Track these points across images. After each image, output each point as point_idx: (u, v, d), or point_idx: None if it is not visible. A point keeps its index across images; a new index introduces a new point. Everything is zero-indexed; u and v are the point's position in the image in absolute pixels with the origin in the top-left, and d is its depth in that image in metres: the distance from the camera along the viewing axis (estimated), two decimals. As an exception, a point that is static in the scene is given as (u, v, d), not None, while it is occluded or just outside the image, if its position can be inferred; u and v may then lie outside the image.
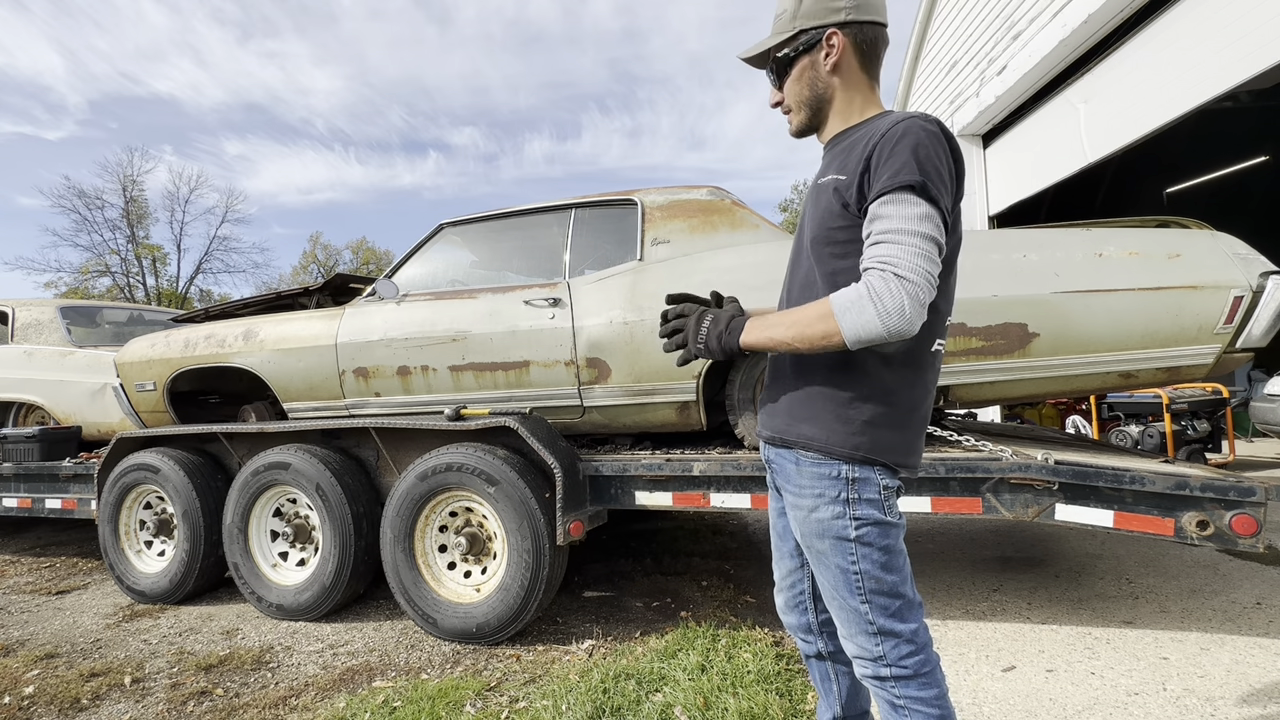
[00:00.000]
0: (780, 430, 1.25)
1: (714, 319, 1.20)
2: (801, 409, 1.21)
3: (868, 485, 1.16)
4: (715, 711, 2.01)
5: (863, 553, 1.16)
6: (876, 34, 1.21)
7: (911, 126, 1.07)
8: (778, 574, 1.46)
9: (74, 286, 25.51)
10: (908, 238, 1.02)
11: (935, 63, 8.65)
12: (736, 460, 2.55)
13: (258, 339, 3.39)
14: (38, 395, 4.30)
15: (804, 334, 1.08)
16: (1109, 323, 2.36)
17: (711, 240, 2.83)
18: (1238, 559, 3.39)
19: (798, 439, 1.20)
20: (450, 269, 3.38)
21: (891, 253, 1.02)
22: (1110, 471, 2.11)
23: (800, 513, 1.22)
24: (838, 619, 1.24)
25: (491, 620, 2.61)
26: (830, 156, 1.24)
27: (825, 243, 1.18)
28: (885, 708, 1.20)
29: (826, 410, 1.17)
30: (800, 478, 1.21)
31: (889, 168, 1.05)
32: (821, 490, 1.18)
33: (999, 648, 2.48)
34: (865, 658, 1.20)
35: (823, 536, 1.19)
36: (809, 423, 1.19)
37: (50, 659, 2.76)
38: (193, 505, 3.27)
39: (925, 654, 1.19)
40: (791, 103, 1.26)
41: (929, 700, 1.16)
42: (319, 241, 39.35)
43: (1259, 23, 4.31)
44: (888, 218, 1.05)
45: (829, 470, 1.17)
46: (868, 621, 1.18)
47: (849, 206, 1.13)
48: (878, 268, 1.03)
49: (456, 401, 3.07)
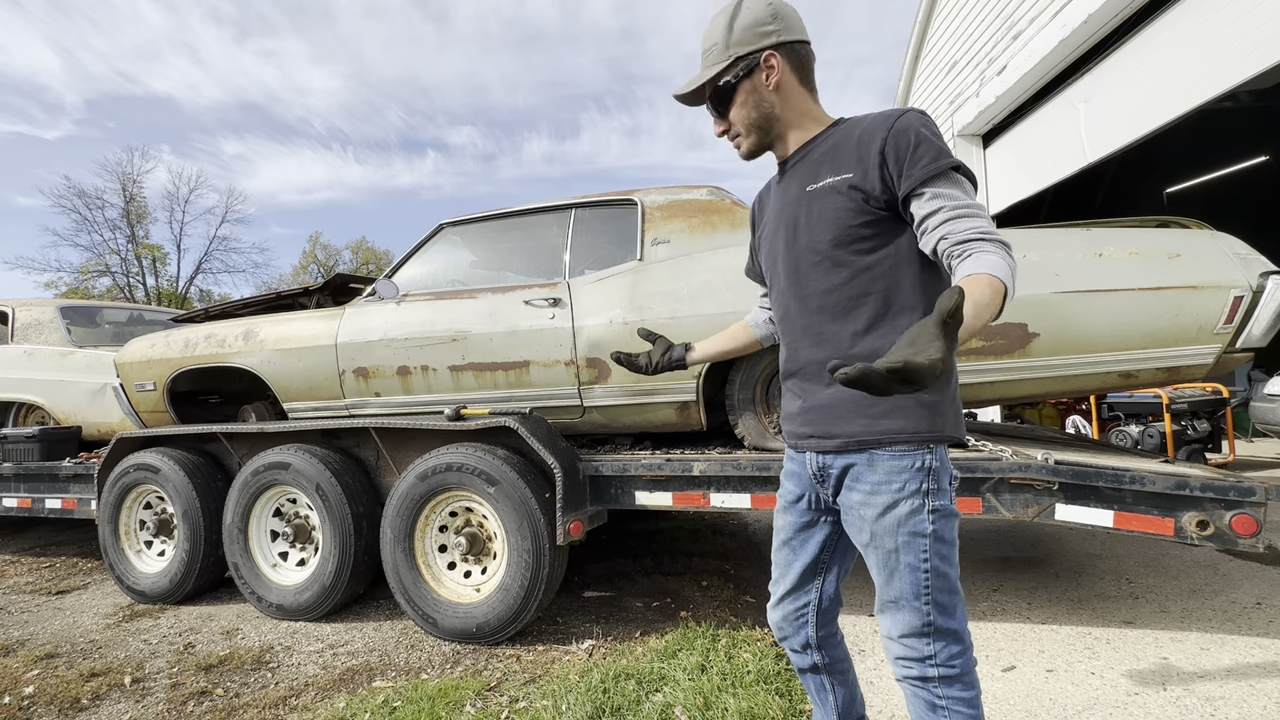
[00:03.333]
0: (859, 434, 1.20)
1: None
2: (877, 404, 1.18)
3: (943, 474, 1.17)
4: (715, 711, 2.01)
5: (935, 548, 1.16)
6: (805, 51, 1.28)
7: (916, 118, 1.14)
8: (782, 588, 1.41)
9: (74, 286, 25.49)
10: (980, 211, 1.09)
11: (935, 63, 8.65)
12: (736, 460, 2.55)
13: (258, 339, 3.39)
14: (38, 395, 4.30)
15: (988, 314, 0.98)
16: (1109, 323, 2.36)
17: (711, 240, 2.83)
18: (1238, 559, 3.39)
19: (884, 436, 1.18)
20: (450, 269, 3.38)
21: (980, 225, 1.07)
22: (1110, 471, 2.11)
23: (872, 510, 1.19)
24: (892, 620, 1.21)
25: (491, 620, 2.61)
26: (807, 166, 1.26)
27: (849, 241, 1.19)
28: (921, 707, 1.18)
29: (907, 400, 1.16)
30: (875, 474, 1.19)
31: (925, 153, 1.11)
32: (902, 484, 1.16)
33: (999, 648, 2.48)
34: (913, 659, 1.18)
35: (897, 533, 1.17)
36: (891, 416, 1.17)
37: (50, 659, 2.76)
38: (193, 505, 3.27)
39: (969, 654, 1.18)
40: (740, 127, 1.30)
41: (969, 700, 1.16)
42: (318, 241, 39.32)
43: (1259, 23, 4.31)
44: (954, 196, 1.10)
45: (910, 462, 1.16)
46: (925, 622, 1.16)
47: (871, 199, 1.16)
48: (983, 239, 1.05)
49: (456, 401, 3.07)
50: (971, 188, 1.13)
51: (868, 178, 1.15)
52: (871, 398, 1.18)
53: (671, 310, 2.72)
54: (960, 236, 1.07)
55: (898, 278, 1.18)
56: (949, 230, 1.08)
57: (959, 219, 1.08)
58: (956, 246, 1.07)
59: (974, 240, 1.05)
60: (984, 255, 1.03)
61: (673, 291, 2.75)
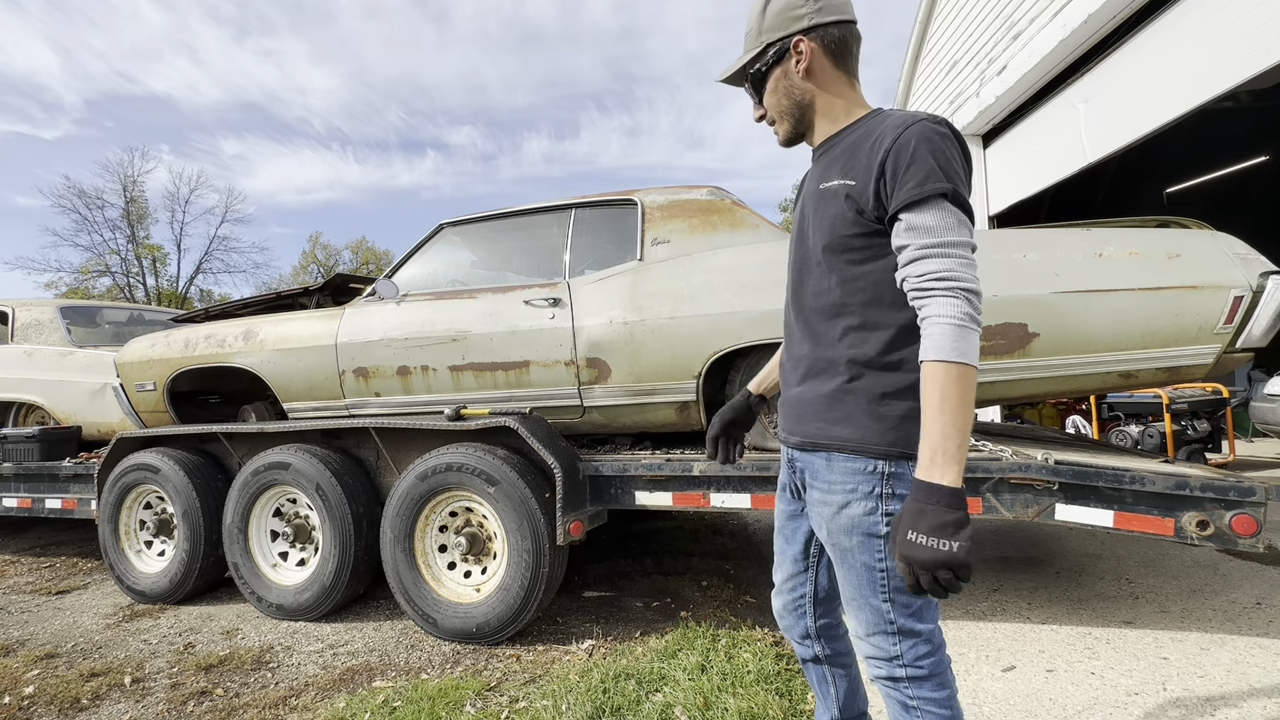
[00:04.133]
0: (813, 435, 1.22)
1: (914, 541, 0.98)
2: (833, 411, 1.19)
3: (901, 481, 1.14)
4: (715, 711, 2.01)
5: (890, 549, 1.14)
6: (844, 32, 1.21)
7: (924, 131, 1.07)
8: (779, 577, 1.45)
9: (74, 286, 25.50)
10: (956, 249, 1.03)
11: (935, 63, 8.65)
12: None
13: (258, 339, 3.39)
14: (38, 395, 4.30)
15: (962, 407, 1.00)
16: (1109, 323, 2.36)
17: (711, 240, 2.83)
18: (1238, 559, 3.39)
19: (832, 442, 1.18)
20: (450, 269, 3.38)
21: (949, 267, 1.02)
22: (1110, 471, 2.11)
23: (828, 509, 1.20)
24: (856, 619, 1.22)
25: (491, 620, 2.61)
26: (828, 160, 1.23)
27: (840, 250, 1.17)
28: (895, 708, 1.19)
29: (860, 409, 1.16)
30: (831, 473, 1.19)
31: (914, 175, 1.05)
32: (855, 485, 1.16)
33: (999, 648, 2.48)
34: (881, 658, 1.19)
35: (851, 533, 1.17)
36: (843, 424, 1.17)
37: (50, 659, 2.76)
38: (193, 505, 3.27)
39: (940, 655, 1.18)
40: (774, 114, 1.28)
41: (941, 701, 1.16)
42: (318, 241, 39.39)
43: (1259, 23, 4.31)
44: (928, 229, 1.04)
45: (864, 465, 1.15)
46: (888, 621, 1.16)
47: (864, 213, 1.12)
48: (945, 290, 1.02)
49: (456, 401, 3.07)
50: (959, 216, 1.05)
51: (865, 190, 1.10)
52: (829, 401, 1.19)
53: (671, 310, 2.72)
54: (917, 283, 1.04)
55: (877, 294, 1.16)
56: (909, 273, 1.06)
57: (922, 259, 1.04)
58: (914, 294, 1.06)
59: (928, 291, 1.03)
60: (933, 325, 1.01)
61: (673, 291, 2.75)
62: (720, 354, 2.66)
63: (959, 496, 0.97)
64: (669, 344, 2.72)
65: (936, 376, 1.00)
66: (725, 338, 2.64)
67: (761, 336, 2.60)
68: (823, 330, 1.22)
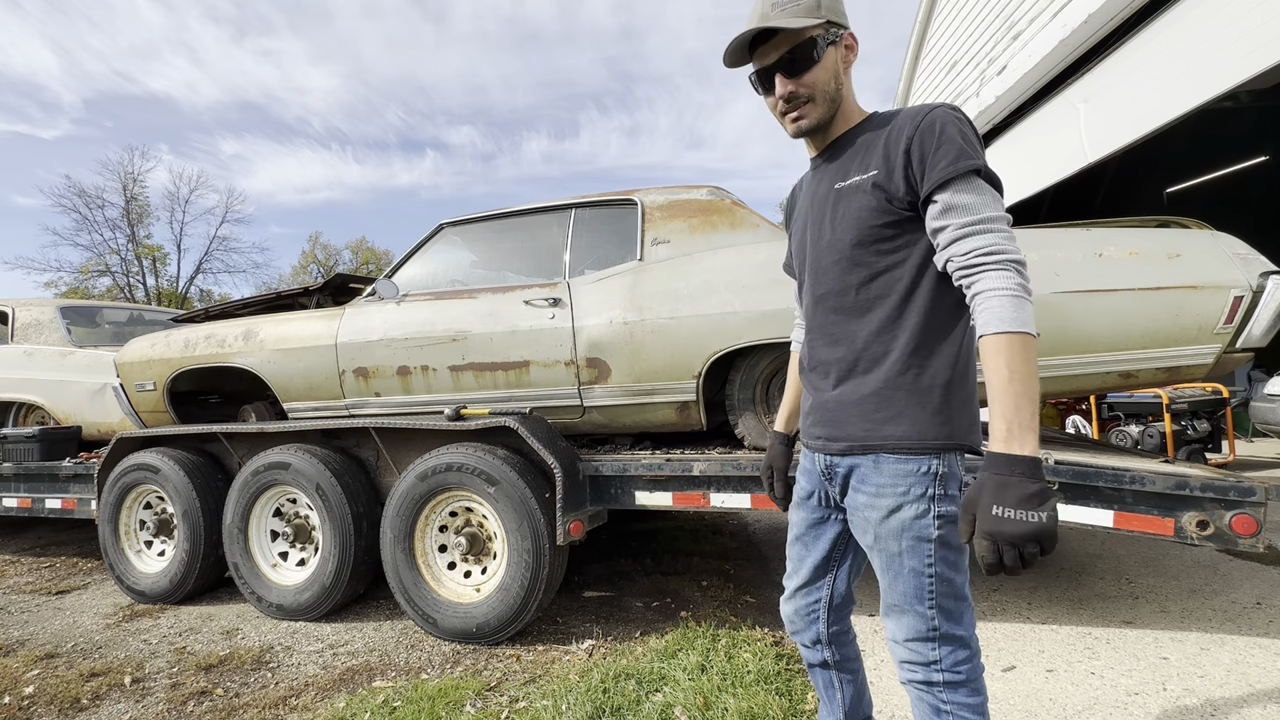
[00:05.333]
0: (860, 438, 1.18)
1: (994, 510, 0.95)
2: (882, 410, 1.16)
3: (952, 481, 1.13)
4: (715, 711, 2.01)
5: (940, 554, 1.13)
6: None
7: (945, 114, 1.10)
8: (793, 583, 1.41)
9: (74, 286, 25.48)
10: (997, 224, 1.05)
11: (935, 63, 8.65)
12: (736, 460, 2.55)
13: (258, 339, 3.39)
14: (38, 395, 4.30)
15: (1030, 376, 0.99)
16: (1109, 323, 2.36)
17: (711, 240, 2.83)
18: (1238, 559, 3.40)
19: (885, 442, 1.15)
20: (450, 269, 3.38)
21: (994, 242, 1.04)
22: (1110, 471, 2.11)
23: (876, 513, 1.17)
24: (896, 624, 1.19)
25: (491, 620, 2.61)
26: (840, 161, 1.23)
27: (871, 242, 1.17)
28: (926, 712, 1.17)
29: (911, 404, 1.14)
30: (880, 476, 1.16)
31: (945, 155, 1.06)
32: (906, 488, 1.13)
33: (999, 648, 2.48)
34: (917, 663, 1.17)
35: (901, 536, 1.14)
36: (894, 422, 1.15)
37: (50, 659, 2.76)
38: (193, 505, 3.27)
39: (976, 661, 1.17)
40: (817, 92, 1.20)
41: (975, 707, 1.14)
42: (318, 241, 39.37)
43: (1259, 23, 4.31)
44: (966, 207, 1.06)
45: (915, 466, 1.13)
46: (931, 627, 1.15)
47: (894, 200, 1.13)
48: (996, 264, 1.02)
49: (456, 401, 3.07)
50: (993, 192, 1.08)
51: (892, 177, 1.12)
52: (876, 399, 1.17)
53: (671, 310, 2.72)
54: (964, 261, 1.05)
55: (914, 282, 1.15)
56: (954, 252, 1.06)
57: (966, 237, 1.05)
58: (961, 272, 1.05)
59: (977, 266, 1.03)
60: (988, 299, 1.01)
61: (673, 291, 2.75)
62: (720, 354, 2.66)
63: (1039, 466, 0.96)
64: (669, 344, 2.72)
65: (1001, 348, 0.99)
66: (725, 338, 2.64)
67: (761, 336, 2.60)
68: (856, 328, 1.20)
